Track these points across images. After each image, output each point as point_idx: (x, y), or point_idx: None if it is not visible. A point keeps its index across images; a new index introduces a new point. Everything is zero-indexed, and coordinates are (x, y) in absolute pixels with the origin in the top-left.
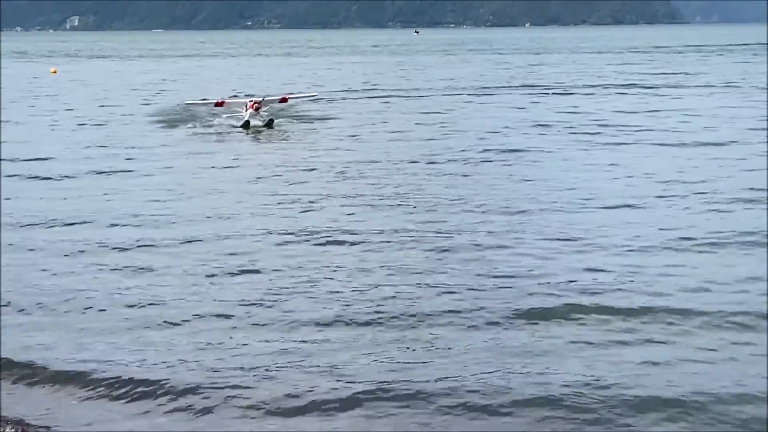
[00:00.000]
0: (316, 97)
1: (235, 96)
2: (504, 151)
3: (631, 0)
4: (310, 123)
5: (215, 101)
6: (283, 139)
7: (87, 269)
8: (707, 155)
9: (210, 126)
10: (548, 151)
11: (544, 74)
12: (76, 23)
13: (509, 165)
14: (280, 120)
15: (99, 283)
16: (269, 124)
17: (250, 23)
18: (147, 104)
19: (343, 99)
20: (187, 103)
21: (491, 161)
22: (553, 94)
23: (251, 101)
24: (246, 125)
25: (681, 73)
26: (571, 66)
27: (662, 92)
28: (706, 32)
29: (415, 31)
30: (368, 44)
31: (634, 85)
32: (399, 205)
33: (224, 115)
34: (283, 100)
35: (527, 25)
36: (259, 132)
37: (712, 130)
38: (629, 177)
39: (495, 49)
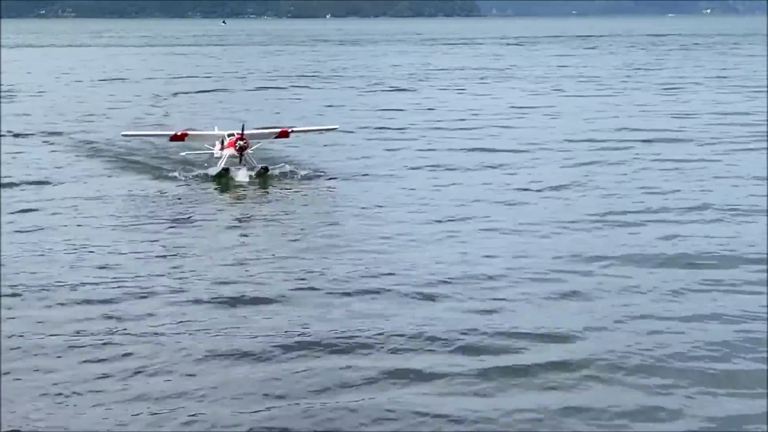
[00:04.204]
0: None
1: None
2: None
3: None
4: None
5: (172, 133)
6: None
7: None
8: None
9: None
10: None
11: None
12: None
13: None
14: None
15: None
16: (262, 174)
17: (43, 12)
18: None
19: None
20: (125, 135)
21: None
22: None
23: (232, 136)
24: (222, 175)
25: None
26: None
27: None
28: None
29: (223, 22)
30: (195, 35)
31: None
32: None
33: (183, 153)
34: (283, 134)
35: (328, 16)
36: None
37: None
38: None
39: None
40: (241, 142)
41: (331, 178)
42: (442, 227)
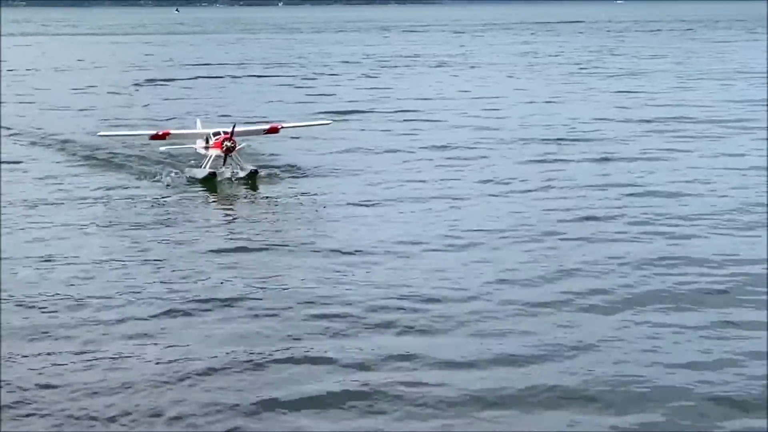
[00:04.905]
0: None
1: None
2: None
3: None
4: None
5: (152, 132)
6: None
7: None
8: None
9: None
10: None
11: None
12: None
13: None
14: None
15: None
16: (252, 176)
17: None
18: None
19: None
20: (101, 135)
21: None
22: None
23: (218, 135)
24: (210, 178)
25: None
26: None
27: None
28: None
29: (176, 10)
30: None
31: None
32: None
33: (162, 148)
34: (273, 130)
35: (280, 4)
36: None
37: None
38: None
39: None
40: (228, 143)
41: (296, 176)
42: (406, 229)
